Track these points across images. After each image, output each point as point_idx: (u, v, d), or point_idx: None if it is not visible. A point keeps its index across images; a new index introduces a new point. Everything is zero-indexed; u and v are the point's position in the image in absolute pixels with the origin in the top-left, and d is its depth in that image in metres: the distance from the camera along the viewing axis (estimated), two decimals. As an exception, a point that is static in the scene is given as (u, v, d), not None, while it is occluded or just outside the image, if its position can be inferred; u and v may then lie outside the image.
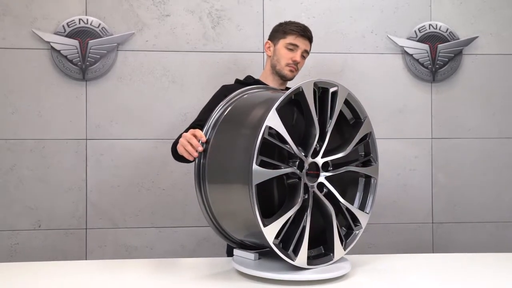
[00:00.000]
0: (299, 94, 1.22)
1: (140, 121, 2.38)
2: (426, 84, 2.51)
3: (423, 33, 2.48)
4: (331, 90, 1.28)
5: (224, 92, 1.74)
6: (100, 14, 2.36)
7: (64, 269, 1.40)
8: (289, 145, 1.19)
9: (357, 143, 1.36)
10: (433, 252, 2.48)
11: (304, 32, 1.76)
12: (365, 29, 2.49)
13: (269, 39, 1.84)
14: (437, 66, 2.48)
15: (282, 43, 1.77)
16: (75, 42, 2.33)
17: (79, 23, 2.33)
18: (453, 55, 2.49)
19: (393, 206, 2.49)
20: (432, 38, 2.48)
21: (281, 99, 1.15)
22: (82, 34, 2.33)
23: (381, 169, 2.42)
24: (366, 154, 1.44)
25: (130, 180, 2.37)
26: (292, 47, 1.75)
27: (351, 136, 1.36)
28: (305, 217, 1.21)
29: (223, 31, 2.42)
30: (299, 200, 1.19)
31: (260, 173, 1.12)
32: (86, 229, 2.35)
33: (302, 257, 1.21)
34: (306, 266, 1.22)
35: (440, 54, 2.48)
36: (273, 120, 1.13)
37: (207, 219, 1.39)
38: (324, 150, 1.29)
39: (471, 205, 2.52)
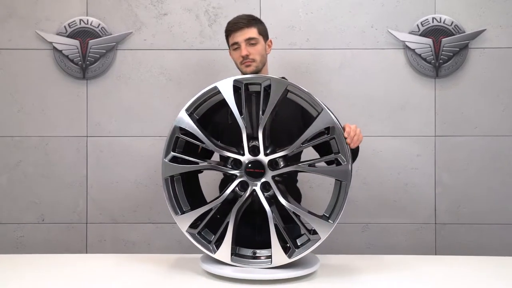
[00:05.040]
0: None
1: (138, 119, 2.43)
2: (429, 80, 2.41)
3: (426, 27, 2.38)
4: (263, 85, 1.28)
5: None
6: (100, 14, 2.42)
7: (65, 262, 1.54)
8: (204, 143, 1.29)
9: (310, 139, 1.29)
10: (435, 254, 2.40)
11: (235, 25, 1.73)
12: (365, 24, 2.42)
13: None
14: (440, 61, 2.38)
15: (230, 47, 1.79)
16: (76, 42, 2.40)
17: (80, 23, 2.40)
18: (458, 49, 2.38)
19: (393, 206, 2.42)
20: (435, 32, 2.38)
21: (191, 100, 1.29)
22: (82, 34, 2.40)
23: (381, 167, 2.40)
24: (335, 152, 1.29)
25: (128, 177, 2.43)
26: (236, 46, 1.74)
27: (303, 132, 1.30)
28: (230, 213, 1.25)
29: (219, 28, 2.42)
30: (221, 196, 1.25)
31: (170, 168, 1.31)
32: (86, 223, 2.42)
33: (224, 252, 1.25)
34: (229, 261, 1.27)
35: (444, 48, 2.38)
36: (184, 121, 1.23)
37: None
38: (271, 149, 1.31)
39: (476, 206, 2.41)
